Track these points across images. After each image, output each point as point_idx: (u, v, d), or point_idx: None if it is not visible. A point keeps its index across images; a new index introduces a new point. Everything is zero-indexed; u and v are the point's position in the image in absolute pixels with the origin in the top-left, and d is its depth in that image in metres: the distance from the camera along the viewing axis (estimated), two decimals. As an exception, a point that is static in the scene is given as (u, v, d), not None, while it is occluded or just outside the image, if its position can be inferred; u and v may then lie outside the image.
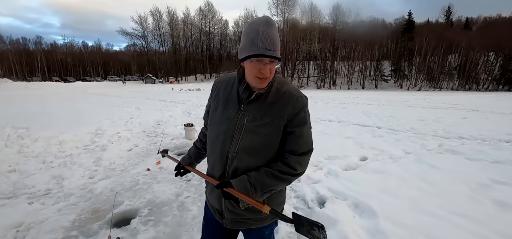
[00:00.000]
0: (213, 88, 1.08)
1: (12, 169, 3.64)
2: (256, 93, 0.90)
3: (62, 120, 6.95)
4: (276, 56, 0.82)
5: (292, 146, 0.93)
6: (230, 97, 0.97)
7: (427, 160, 3.81)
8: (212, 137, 1.02)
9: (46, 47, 67.97)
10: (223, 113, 0.97)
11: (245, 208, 0.93)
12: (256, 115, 0.91)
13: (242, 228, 1.07)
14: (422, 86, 42.80)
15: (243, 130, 0.91)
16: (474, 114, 9.22)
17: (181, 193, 2.74)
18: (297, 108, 0.90)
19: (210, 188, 1.07)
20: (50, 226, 2.20)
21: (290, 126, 0.91)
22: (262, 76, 0.85)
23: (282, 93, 0.92)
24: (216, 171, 1.00)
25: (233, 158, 0.93)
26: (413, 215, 2.20)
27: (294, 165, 0.92)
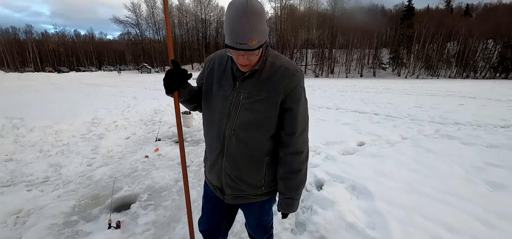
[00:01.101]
0: (206, 65, 1.03)
1: (9, 158, 3.62)
2: (250, 71, 0.87)
3: (57, 110, 6.86)
4: (247, 49, 0.74)
5: (291, 127, 0.92)
6: (224, 75, 0.94)
7: (424, 144, 3.86)
8: (208, 116, 1.01)
9: (37, 36, 66.28)
10: (218, 91, 0.95)
11: (246, 183, 0.99)
12: (251, 92, 0.89)
13: (242, 203, 1.08)
14: (420, 74, 42.85)
15: (239, 108, 0.90)
16: (470, 101, 9.30)
17: (180, 179, 2.75)
18: (293, 82, 0.89)
19: (209, 166, 1.07)
20: (50, 211, 2.21)
21: (287, 102, 0.89)
22: (239, 64, 0.83)
23: (277, 67, 0.89)
24: (214, 149, 1.00)
25: (230, 136, 0.93)
26: (408, 196, 2.25)
27: (300, 147, 0.95)
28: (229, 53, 0.80)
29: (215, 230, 1.21)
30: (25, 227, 2.03)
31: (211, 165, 1.04)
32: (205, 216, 1.21)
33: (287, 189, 0.99)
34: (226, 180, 1.01)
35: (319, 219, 1.83)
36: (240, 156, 0.95)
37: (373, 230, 1.74)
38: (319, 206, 2.01)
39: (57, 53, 64.62)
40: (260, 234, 1.24)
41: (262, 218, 1.18)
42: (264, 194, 1.05)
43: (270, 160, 0.99)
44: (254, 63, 0.85)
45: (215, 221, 1.19)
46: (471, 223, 1.86)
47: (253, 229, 1.25)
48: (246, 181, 1.00)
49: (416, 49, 43.80)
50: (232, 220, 1.25)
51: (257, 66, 0.86)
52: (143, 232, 1.88)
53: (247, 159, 0.96)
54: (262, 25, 0.75)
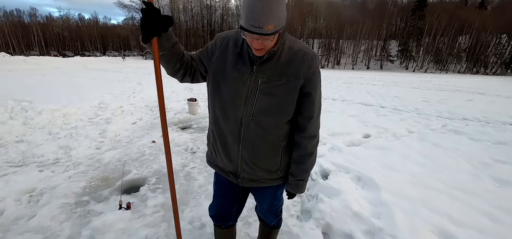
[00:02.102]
0: (217, 42, 0.96)
1: (20, 139, 3.70)
2: (269, 53, 0.84)
3: (64, 94, 6.93)
4: (262, 33, 0.72)
5: (309, 111, 0.92)
6: (240, 58, 0.90)
7: (430, 138, 3.83)
8: (220, 101, 0.95)
9: (41, 20, 66.08)
10: (232, 74, 0.90)
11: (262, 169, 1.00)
12: (270, 76, 0.87)
13: (256, 186, 1.09)
14: (429, 68, 41.87)
15: (257, 92, 0.88)
16: (479, 97, 9.12)
17: (187, 164, 2.80)
18: (312, 67, 0.88)
19: (222, 153, 1.04)
20: (62, 191, 2.27)
21: (307, 87, 0.89)
22: (253, 48, 0.81)
23: (295, 52, 0.88)
24: (228, 135, 0.97)
25: (248, 121, 0.91)
26: (414, 189, 2.26)
27: (314, 131, 0.97)
28: (244, 36, 0.78)
29: (226, 216, 1.23)
30: (39, 205, 2.10)
31: (224, 151, 1.01)
32: (216, 202, 1.22)
33: (299, 171, 1.02)
34: (241, 165, 1.00)
35: (325, 207, 1.86)
36: (258, 142, 0.94)
37: (378, 219, 1.76)
38: (325, 194, 2.03)
39: (62, 37, 64.58)
40: (270, 218, 1.28)
41: (274, 203, 1.21)
42: (279, 178, 1.06)
43: (286, 145, 0.99)
44: (270, 47, 0.83)
45: (226, 207, 1.21)
46: (477, 217, 1.87)
47: (264, 213, 1.27)
48: (262, 167, 1.00)
49: (426, 42, 42.60)
50: (243, 206, 1.27)
51: (275, 48, 0.85)
52: (152, 214, 1.93)
53: (265, 145, 0.95)
54: (280, 10, 0.73)
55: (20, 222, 1.90)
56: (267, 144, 0.95)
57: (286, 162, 1.03)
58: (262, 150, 0.96)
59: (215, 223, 1.29)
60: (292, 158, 1.02)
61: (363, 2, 45.88)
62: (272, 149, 0.97)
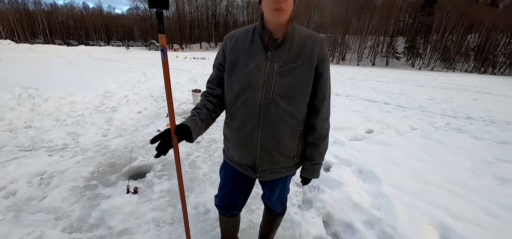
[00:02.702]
0: (226, 42, 1.01)
1: (28, 125, 3.79)
2: (284, 35, 0.89)
3: (70, 83, 7.02)
4: None
5: (322, 92, 0.97)
6: (253, 47, 0.94)
7: (433, 136, 3.84)
8: (237, 90, 0.96)
9: (46, 7, 66.13)
10: (247, 63, 0.93)
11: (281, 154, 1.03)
12: (286, 60, 0.91)
13: (276, 178, 1.10)
14: (435, 66, 41.25)
15: (274, 76, 0.91)
16: (486, 97, 9.03)
17: (191, 153, 2.86)
18: (323, 50, 0.94)
19: (239, 144, 1.02)
20: (71, 175, 2.35)
21: (320, 67, 0.94)
22: (278, 6, 0.83)
23: (306, 37, 0.94)
24: (246, 123, 0.97)
25: (268, 105, 0.92)
26: (415, 183, 2.29)
27: (327, 113, 1.03)
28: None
29: (232, 206, 1.27)
30: (50, 187, 2.18)
31: (242, 141, 1.01)
32: (223, 192, 1.24)
33: (316, 154, 1.06)
34: (260, 154, 1.00)
35: (326, 197, 1.90)
36: (278, 124, 0.95)
37: (378, 211, 1.80)
38: (326, 186, 2.08)
39: (66, 26, 64.71)
40: (277, 206, 1.32)
41: (282, 192, 1.25)
42: (295, 165, 1.10)
43: (303, 130, 1.03)
44: (286, 18, 0.88)
45: (233, 198, 1.24)
46: (475, 212, 1.90)
47: (272, 202, 1.30)
48: (281, 152, 1.01)
49: (434, 39, 41.84)
50: (248, 196, 1.30)
51: (288, 29, 0.90)
52: (158, 199, 2.00)
53: (285, 127, 0.97)
54: None
55: (32, 202, 1.98)
56: (287, 127, 0.97)
57: (301, 147, 1.07)
58: (281, 132, 0.97)
59: (220, 212, 1.33)
60: (307, 142, 1.06)
61: (370, -3, 44.96)
62: (291, 132, 0.99)
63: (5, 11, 52.49)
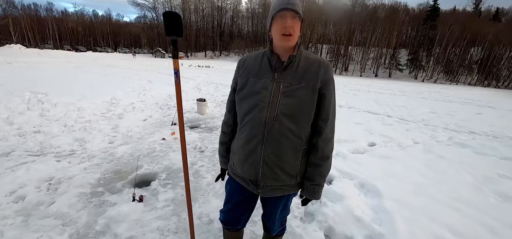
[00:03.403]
0: (239, 66, 1.12)
1: (37, 130, 3.89)
2: (289, 59, 0.97)
3: (78, 88, 7.20)
4: (295, 9, 0.92)
5: (326, 113, 1.03)
6: (261, 68, 1.03)
7: (435, 150, 3.85)
8: (246, 108, 1.04)
9: (57, 14, 68.21)
10: (256, 83, 1.02)
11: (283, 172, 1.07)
12: (291, 81, 0.98)
13: (277, 196, 1.13)
14: (438, 79, 41.21)
15: (279, 96, 0.98)
16: (489, 111, 8.99)
17: (195, 163, 2.91)
18: (328, 73, 1.01)
19: (244, 158, 1.08)
20: (79, 181, 2.42)
21: (323, 89, 1.00)
22: (286, 31, 0.93)
23: (312, 61, 1.01)
24: (252, 138, 1.03)
25: (272, 123, 0.99)
26: (416, 198, 2.30)
27: (330, 134, 1.06)
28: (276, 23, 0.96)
29: (236, 221, 1.29)
30: (57, 193, 2.24)
31: (246, 155, 1.06)
32: (228, 207, 1.27)
33: (317, 175, 1.08)
34: (263, 170, 1.04)
35: (328, 210, 1.93)
36: (281, 141, 1.00)
37: (379, 225, 1.82)
38: (328, 199, 2.11)
39: (76, 32, 66.35)
40: (277, 226, 1.32)
41: (283, 211, 1.26)
42: (297, 184, 1.12)
43: (306, 150, 1.07)
44: (293, 43, 0.98)
45: (238, 214, 1.27)
46: (477, 229, 1.91)
47: (272, 221, 1.30)
48: (283, 169, 1.04)
49: (436, 52, 41.99)
50: (251, 212, 1.32)
51: (295, 52, 0.98)
52: (163, 207, 2.04)
53: (288, 145, 1.01)
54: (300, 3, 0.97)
55: (40, 207, 2.04)
56: (290, 145, 1.01)
57: (304, 167, 1.09)
58: (284, 150, 1.01)
59: (225, 227, 1.35)
60: (309, 162, 1.08)
61: (374, 10, 45.59)
62: (294, 150, 1.03)
63: (18, 17, 54.15)
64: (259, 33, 58.95)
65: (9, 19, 47.65)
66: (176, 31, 0.91)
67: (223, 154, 1.27)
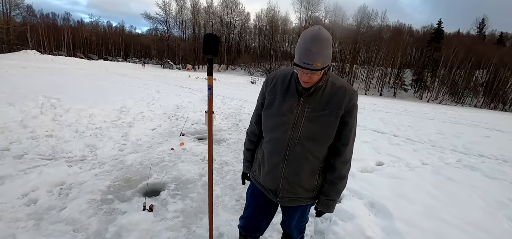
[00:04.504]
0: (268, 82, 1.15)
1: (49, 134, 3.98)
2: (316, 86, 1.00)
3: (89, 95, 7.39)
4: (311, 68, 0.89)
5: (346, 138, 1.06)
6: (289, 91, 1.07)
7: (445, 172, 3.79)
8: (271, 126, 1.11)
9: (73, 24, 71.17)
10: (282, 104, 1.07)
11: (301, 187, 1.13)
12: (316, 107, 1.03)
13: (295, 205, 1.20)
14: (443, 100, 41.02)
15: (303, 120, 1.03)
16: (497, 134, 8.85)
17: (204, 174, 2.92)
18: (352, 101, 1.04)
19: (266, 171, 1.16)
20: (89, 188, 2.45)
21: (346, 117, 1.04)
22: (302, 80, 0.97)
23: (338, 87, 1.04)
24: (275, 155, 1.10)
25: (294, 144, 1.05)
26: (427, 220, 2.26)
27: (348, 156, 1.10)
28: (296, 70, 0.96)
29: (255, 227, 1.34)
30: (69, 198, 2.27)
31: (269, 169, 1.14)
32: (248, 213, 1.33)
33: (332, 191, 1.14)
34: (282, 184, 1.12)
35: (339, 229, 1.91)
36: (301, 162, 1.07)
37: (390, 248, 1.79)
38: (339, 218, 2.09)
39: (89, 41, 68.75)
40: (295, 233, 1.38)
41: (301, 219, 1.31)
42: (314, 197, 1.18)
43: (323, 167, 1.12)
44: (315, 81, 0.99)
45: (258, 220, 1.32)
46: (492, 257, 1.85)
47: (291, 229, 1.36)
48: (302, 185, 1.12)
49: (441, 73, 42.10)
50: (271, 220, 1.37)
51: (321, 83, 1.01)
52: (173, 218, 2.05)
53: (306, 165, 1.08)
54: (327, 51, 0.90)
55: (52, 212, 2.07)
56: (308, 165, 1.08)
57: (320, 182, 1.15)
58: (303, 169, 1.08)
59: (243, 233, 1.38)
60: (326, 179, 1.14)
61: (379, 30, 46.42)
62: (311, 169, 1.10)
63: (36, 25, 56.62)
64: (266, 49, 60.17)
65: (28, 26, 49.81)
66: (212, 50, 0.99)
67: (248, 159, 1.33)
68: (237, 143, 4.39)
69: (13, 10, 47.34)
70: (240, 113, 7.55)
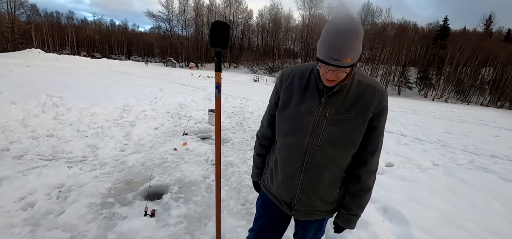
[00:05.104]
0: (283, 79, 0.99)
1: (50, 133, 3.90)
2: (340, 85, 0.85)
3: (91, 94, 7.32)
4: (340, 66, 0.74)
5: (373, 145, 0.92)
6: (308, 89, 0.92)
7: (458, 174, 3.63)
8: (286, 130, 0.96)
9: (77, 22, 71.57)
10: (299, 105, 0.92)
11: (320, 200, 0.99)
12: (339, 109, 0.87)
13: (312, 219, 1.07)
14: (449, 98, 40.42)
15: (325, 123, 0.88)
16: (506, 133, 8.62)
17: (208, 176, 2.81)
18: (382, 102, 0.89)
19: (280, 180, 1.02)
20: (89, 190, 2.35)
21: (375, 121, 0.89)
22: (325, 78, 0.82)
23: (365, 86, 0.88)
24: (291, 163, 0.96)
25: (314, 151, 0.91)
26: (445, 227, 2.12)
27: (375, 166, 0.96)
28: (318, 66, 0.80)
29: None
30: (67, 202, 2.17)
31: (283, 178, 1.00)
32: (259, 226, 1.20)
33: (355, 205, 0.99)
34: (299, 195, 0.99)
35: (353, 237, 1.79)
36: (321, 172, 0.93)
37: (409, 259, 1.66)
38: (351, 225, 1.96)
39: (92, 40, 69.07)
40: None
41: (317, 233, 1.17)
42: (333, 210, 1.04)
43: (345, 178, 0.98)
44: (341, 79, 0.84)
45: (269, 232, 1.18)
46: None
47: None
48: (320, 197, 0.99)
49: (447, 71, 41.45)
50: (283, 233, 1.23)
51: (347, 81, 0.85)
52: (176, 224, 1.94)
53: (328, 175, 0.94)
54: (359, 45, 0.76)
55: (49, 217, 1.97)
56: (330, 175, 0.95)
57: (342, 194, 1.01)
58: (323, 180, 0.95)
59: None
60: (348, 191, 1.00)
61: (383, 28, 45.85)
62: (333, 180, 0.97)
63: (40, 23, 57.00)
64: (268, 47, 59.83)
65: (32, 25, 50.16)
66: (222, 42, 0.83)
67: (259, 166, 1.19)
68: (242, 143, 4.27)
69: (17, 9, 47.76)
70: (244, 111, 7.43)
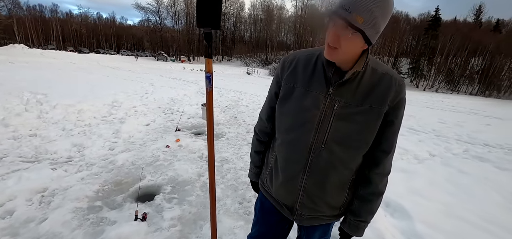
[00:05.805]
0: (284, 65, 0.86)
1: (33, 133, 3.67)
2: (353, 73, 0.72)
3: (79, 90, 7.00)
4: (346, 18, 0.61)
5: (388, 143, 0.79)
6: (313, 78, 0.79)
7: (455, 164, 3.64)
8: (288, 125, 0.84)
9: (61, 16, 68.72)
10: (304, 96, 0.79)
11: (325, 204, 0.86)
12: (350, 101, 0.75)
13: (315, 225, 0.95)
14: (439, 88, 41.24)
15: (332, 118, 0.76)
16: (497, 122, 8.82)
17: (202, 174, 2.69)
18: (400, 93, 0.75)
19: (281, 182, 0.91)
20: (75, 194, 2.19)
21: (390, 115, 0.76)
22: (330, 42, 0.68)
23: (380, 75, 0.75)
24: (293, 163, 0.84)
25: (319, 149, 0.79)
26: (447, 220, 2.09)
27: (389, 168, 0.84)
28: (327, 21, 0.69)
29: None
30: (50, 208, 2.02)
31: (284, 180, 0.89)
32: (258, 232, 1.09)
33: (364, 211, 0.87)
34: (301, 199, 0.87)
35: (356, 237, 1.71)
36: (328, 173, 0.81)
37: (415, 256, 1.60)
38: (354, 222, 1.89)
39: (79, 34, 66.65)
40: None
41: (323, 238, 1.07)
42: (340, 215, 0.93)
43: (354, 180, 0.86)
44: (337, 59, 0.71)
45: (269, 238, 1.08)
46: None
47: None
48: (326, 201, 0.87)
49: (438, 62, 42.16)
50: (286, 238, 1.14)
51: (361, 69, 0.72)
52: (169, 228, 1.81)
53: (335, 177, 0.82)
54: (378, 13, 0.63)
55: (30, 225, 1.81)
56: (337, 177, 0.82)
57: (350, 198, 0.90)
58: (330, 181, 0.83)
59: None
60: (358, 195, 0.88)
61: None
62: (340, 182, 0.84)
63: (22, 17, 54.38)
64: (261, 39, 59.20)
65: (14, 19, 47.84)
66: (212, 20, 0.66)
67: (257, 165, 1.07)
68: (237, 138, 4.14)
69: (-3, 3, 45.40)
70: (238, 105, 7.28)
